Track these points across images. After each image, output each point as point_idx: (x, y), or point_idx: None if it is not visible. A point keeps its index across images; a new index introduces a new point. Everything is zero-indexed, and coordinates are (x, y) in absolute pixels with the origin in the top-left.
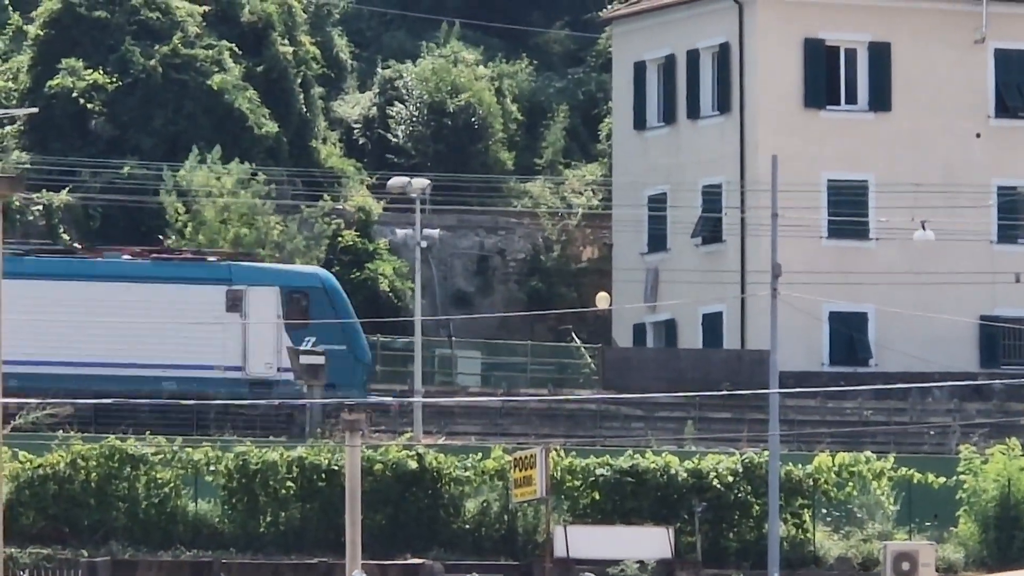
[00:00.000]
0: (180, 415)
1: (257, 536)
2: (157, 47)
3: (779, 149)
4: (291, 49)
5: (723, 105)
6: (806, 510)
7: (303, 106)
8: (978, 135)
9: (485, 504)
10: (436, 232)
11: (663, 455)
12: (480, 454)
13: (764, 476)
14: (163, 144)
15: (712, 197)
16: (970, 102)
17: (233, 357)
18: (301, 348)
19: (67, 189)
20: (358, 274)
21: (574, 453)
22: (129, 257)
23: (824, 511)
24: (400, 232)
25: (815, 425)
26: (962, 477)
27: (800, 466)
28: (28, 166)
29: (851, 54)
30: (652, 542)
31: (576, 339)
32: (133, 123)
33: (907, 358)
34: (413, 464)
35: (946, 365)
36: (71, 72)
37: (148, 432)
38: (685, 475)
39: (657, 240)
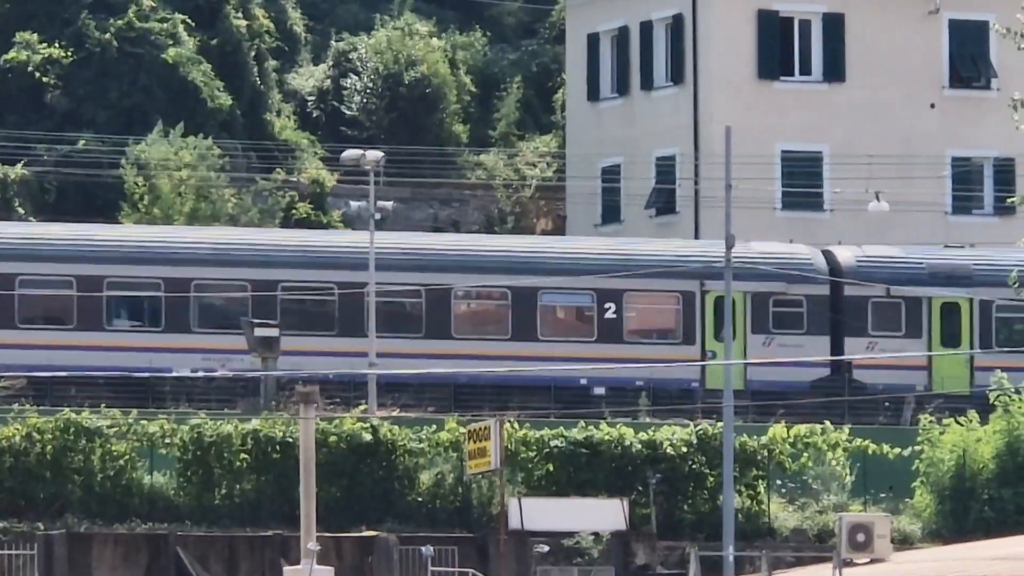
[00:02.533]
0: (135, 388)
1: (212, 509)
2: (112, 20)
3: (733, 120)
4: (245, 22)
5: (677, 76)
6: (761, 481)
7: (257, 79)
8: (932, 106)
9: (440, 476)
10: (390, 204)
11: (617, 426)
12: (434, 426)
13: (718, 447)
14: (118, 118)
15: (666, 168)
16: (924, 73)
17: None
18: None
19: (22, 163)
20: None
21: (528, 425)
22: None
23: (779, 482)
24: (354, 204)
25: (771, 396)
26: (920, 448)
27: (755, 437)
28: None
29: (805, 25)
30: (607, 514)
31: None
32: (88, 96)
33: None
34: (367, 436)
35: None
36: (26, 46)
37: (103, 405)
38: (639, 446)
39: (611, 212)
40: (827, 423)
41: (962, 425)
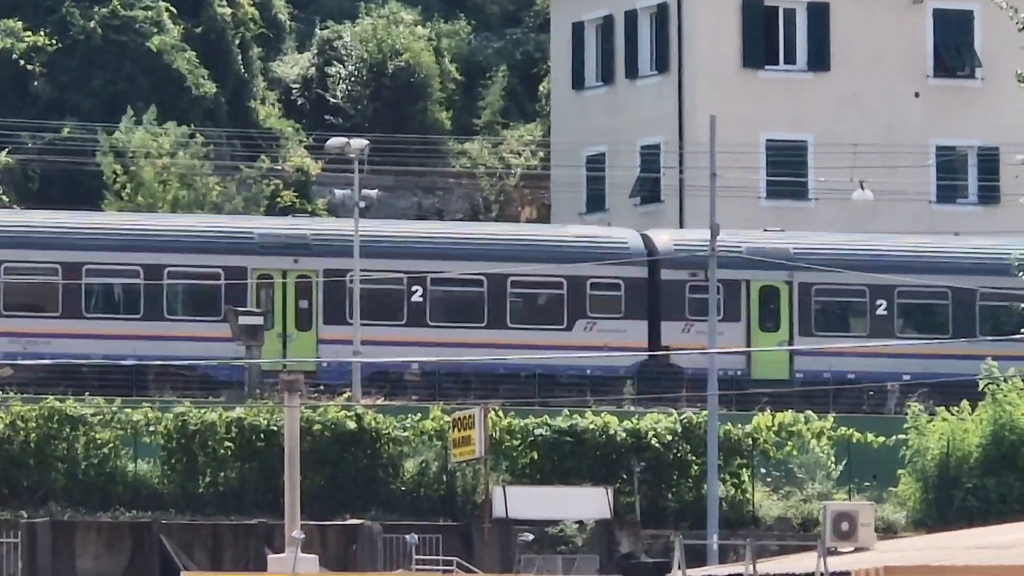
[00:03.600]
0: (119, 376)
1: (196, 497)
2: (96, 8)
3: (717, 109)
4: (229, 10)
5: (661, 65)
6: (745, 470)
7: (241, 67)
8: (917, 95)
9: (424, 464)
10: (374, 192)
11: (602, 415)
12: (419, 414)
13: (703, 436)
14: (103, 105)
15: (650, 157)
16: (908, 62)
17: None
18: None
19: (6, 151)
20: None
21: (513, 413)
22: None
23: (763, 471)
24: (338, 192)
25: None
26: (906, 436)
27: (739, 426)
28: None
29: (790, 14)
30: (591, 502)
31: None
32: (73, 84)
33: None
34: (352, 424)
35: None
36: (10, 33)
37: (87, 393)
38: (624, 435)
39: (595, 200)
40: (809, 412)
41: (953, 414)
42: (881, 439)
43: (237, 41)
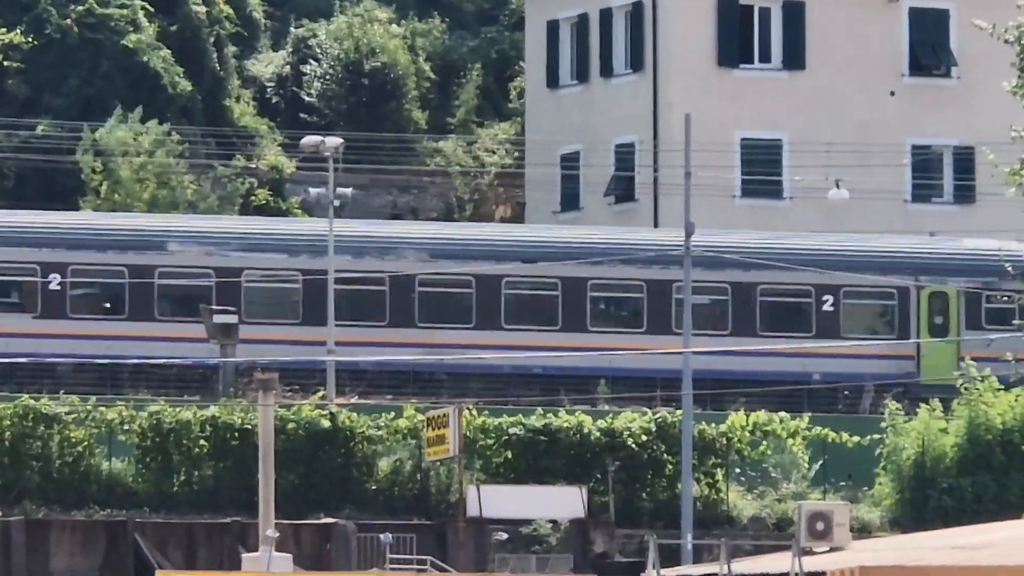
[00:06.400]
0: (94, 374)
1: (170, 495)
2: (72, 6)
3: (692, 108)
4: (204, 8)
5: (636, 63)
6: (720, 469)
7: (216, 65)
8: (892, 94)
9: (398, 463)
10: (349, 191)
11: (576, 414)
12: (393, 413)
13: (677, 435)
14: (78, 104)
15: (625, 156)
16: (884, 61)
17: None
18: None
19: None
20: None
21: (487, 412)
22: None
23: (738, 471)
24: (313, 191)
25: (729, 384)
26: (883, 435)
27: (714, 425)
28: None
29: (765, 13)
30: (565, 501)
31: None
32: (48, 83)
33: None
34: (326, 423)
35: None
36: None
37: (62, 391)
38: (598, 434)
39: (570, 199)
40: (782, 413)
41: (929, 415)
42: (856, 439)
43: (212, 39)
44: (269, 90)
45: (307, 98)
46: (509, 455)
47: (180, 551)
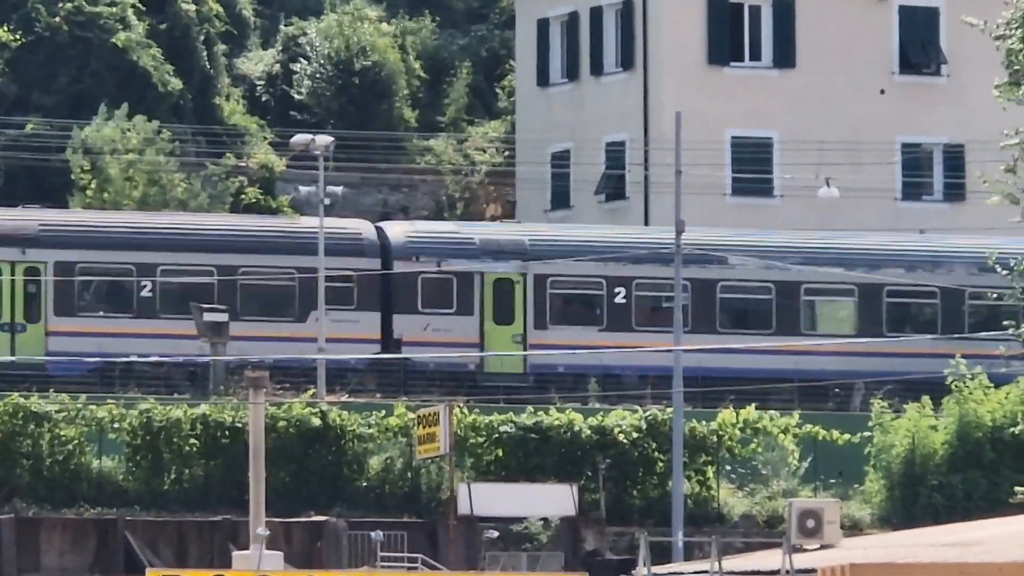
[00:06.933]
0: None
1: (161, 494)
2: (61, 4)
3: (683, 106)
4: (194, 7)
5: (627, 62)
6: (710, 467)
7: (206, 63)
8: (882, 91)
9: (389, 461)
10: (339, 189)
11: (567, 412)
12: (384, 411)
13: (668, 433)
14: (67, 102)
15: (615, 154)
16: (874, 58)
17: None
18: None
19: None
20: None
21: (477, 410)
22: None
23: (728, 468)
24: (303, 189)
25: (720, 382)
26: (872, 433)
27: (704, 423)
28: None
29: (755, 11)
30: (556, 499)
31: None
32: (37, 81)
33: None
34: (317, 421)
35: None
36: None
37: (52, 389)
38: (589, 432)
39: (560, 197)
40: (772, 411)
41: (918, 412)
42: (847, 436)
43: (202, 38)
44: (259, 88)
45: (297, 96)
46: (500, 453)
47: (170, 549)
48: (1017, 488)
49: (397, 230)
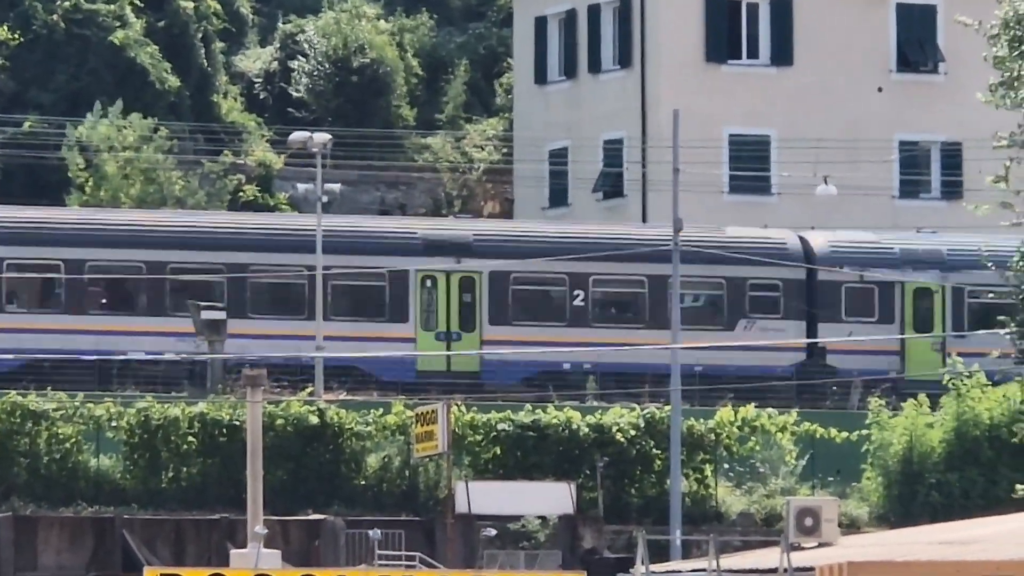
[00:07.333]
0: (82, 370)
1: (159, 492)
2: (59, 2)
3: (680, 104)
4: (192, 4)
5: (624, 60)
6: (708, 465)
7: (204, 61)
8: (880, 90)
9: (387, 459)
10: (337, 187)
11: (565, 410)
12: (381, 409)
13: (666, 431)
14: (64, 100)
15: (613, 152)
16: (872, 57)
17: None
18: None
19: None
20: None
21: (475, 408)
22: None
23: (726, 466)
24: (301, 187)
25: (717, 380)
26: (869, 431)
27: (702, 421)
28: None
29: (753, 8)
30: (554, 497)
31: None
32: (35, 79)
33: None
34: (314, 419)
35: None
36: None
37: (49, 387)
38: (587, 430)
39: (558, 195)
40: (770, 409)
41: (915, 410)
42: (844, 434)
43: (200, 35)
44: (257, 86)
45: (295, 94)
46: (498, 451)
47: (168, 547)
48: (1018, 486)
49: (820, 240)
